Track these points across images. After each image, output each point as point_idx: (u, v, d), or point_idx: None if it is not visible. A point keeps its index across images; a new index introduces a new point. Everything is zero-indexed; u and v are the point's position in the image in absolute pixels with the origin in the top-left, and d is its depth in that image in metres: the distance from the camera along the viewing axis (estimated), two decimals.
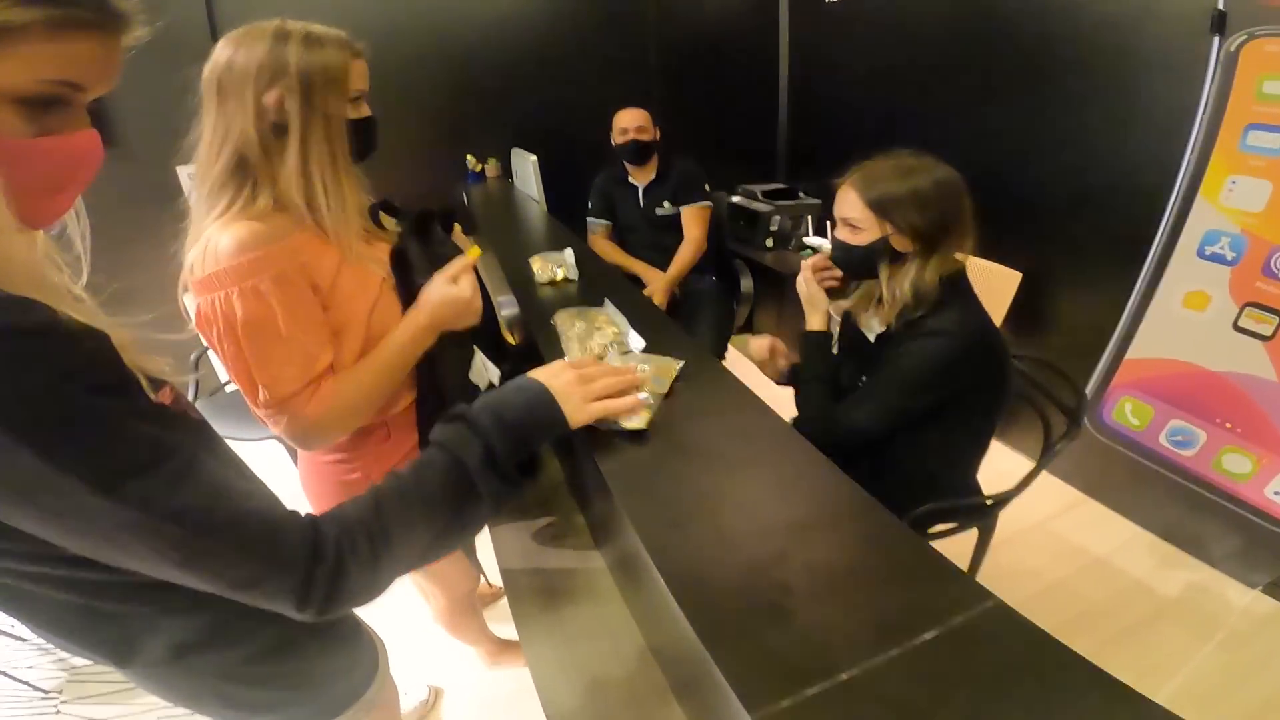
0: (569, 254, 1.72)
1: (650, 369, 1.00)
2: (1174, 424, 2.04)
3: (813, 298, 1.43)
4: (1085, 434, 2.15)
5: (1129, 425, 2.16)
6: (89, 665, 0.65)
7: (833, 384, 1.40)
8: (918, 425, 1.27)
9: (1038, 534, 2.18)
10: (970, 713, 0.53)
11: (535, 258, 1.73)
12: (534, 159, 2.74)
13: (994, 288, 2.32)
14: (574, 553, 1.20)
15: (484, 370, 1.21)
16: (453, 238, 1.21)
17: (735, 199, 3.45)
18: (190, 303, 0.88)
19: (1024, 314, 2.38)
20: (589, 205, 2.83)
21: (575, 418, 0.80)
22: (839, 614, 0.62)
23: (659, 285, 2.58)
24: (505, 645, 1.78)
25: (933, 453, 1.35)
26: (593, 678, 0.95)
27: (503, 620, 1.88)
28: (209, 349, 2.09)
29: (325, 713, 0.81)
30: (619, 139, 2.62)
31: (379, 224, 1.12)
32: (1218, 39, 1.75)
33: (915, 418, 1.25)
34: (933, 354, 1.21)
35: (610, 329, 1.21)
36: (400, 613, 1.90)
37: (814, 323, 1.43)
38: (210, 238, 0.85)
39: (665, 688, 0.89)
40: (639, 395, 0.91)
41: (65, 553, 0.50)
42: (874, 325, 1.39)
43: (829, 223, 3.26)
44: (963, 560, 1.52)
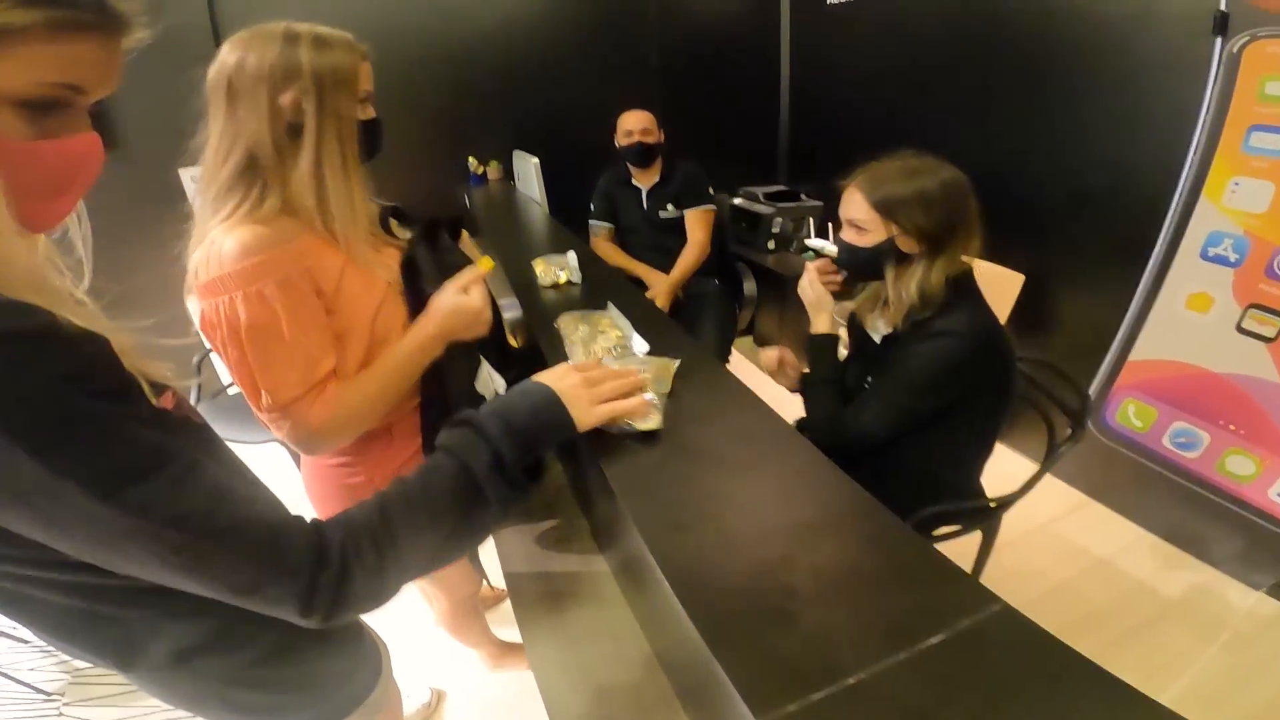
0: (572, 257, 1.72)
1: (650, 370, 1.00)
2: (1177, 426, 2.03)
3: (819, 300, 1.42)
4: (1088, 436, 2.15)
5: (1132, 427, 2.16)
6: (91, 668, 0.65)
7: (841, 386, 1.39)
8: (923, 427, 1.26)
9: (1041, 536, 2.18)
10: (978, 716, 0.53)
11: (538, 260, 1.72)
12: (536, 161, 2.74)
13: (997, 289, 2.31)
14: (577, 556, 1.20)
15: (490, 380, 1.20)
16: (461, 245, 1.21)
17: (737, 201, 3.45)
18: (194, 306, 0.88)
19: (1026, 316, 2.37)
20: (591, 207, 2.81)
21: (583, 421, 0.80)
22: (845, 617, 0.62)
23: (662, 288, 2.57)
24: (507, 648, 1.77)
25: (937, 455, 1.34)
26: (596, 681, 0.95)
27: (505, 623, 1.88)
28: (211, 352, 2.11)
29: (328, 716, 0.81)
30: (624, 140, 2.60)
31: (388, 230, 1.12)
32: (1220, 40, 1.74)
33: (923, 419, 1.25)
34: (942, 355, 1.20)
35: (614, 332, 1.21)
36: (403, 615, 1.90)
37: (820, 325, 1.42)
38: (215, 241, 0.84)
39: (670, 692, 0.89)
40: (645, 396, 0.91)
41: (68, 557, 0.49)
42: (880, 326, 1.39)
43: (830, 224, 3.28)
44: (966, 562, 1.52)
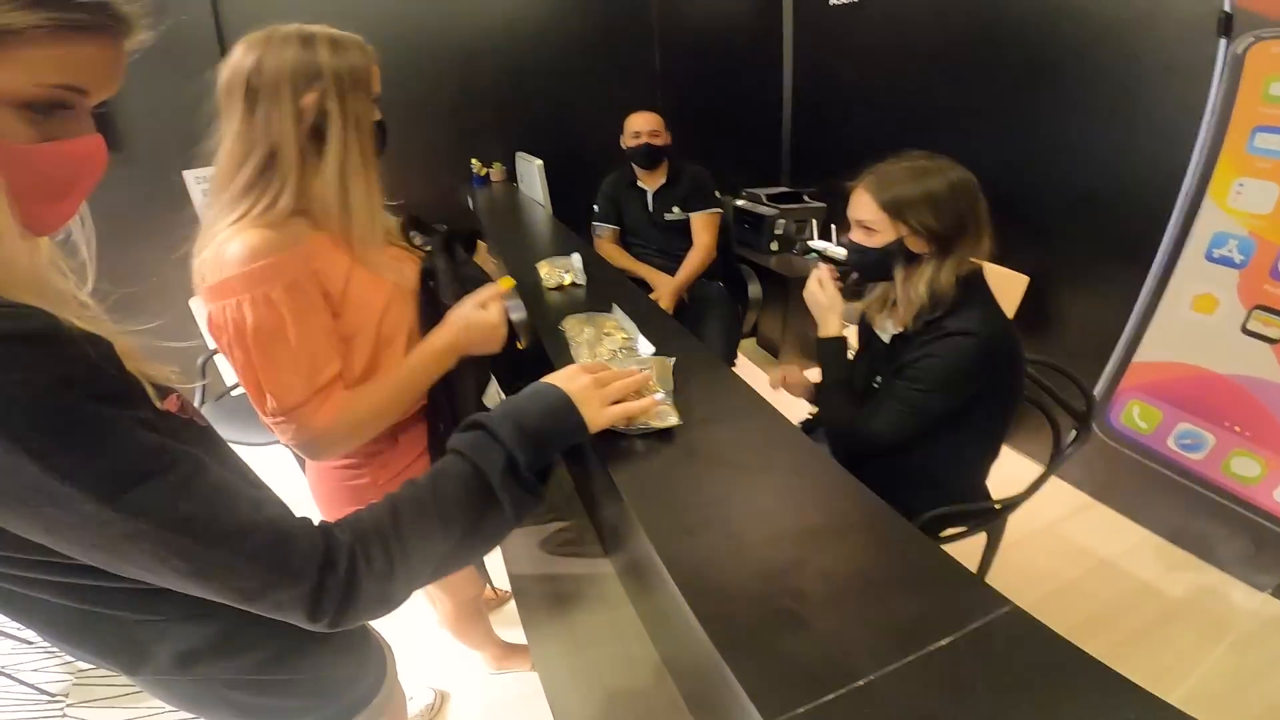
0: (576, 259, 1.71)
1: (653, 369, 1.00)
2: (1182, 427, 2.03)
3: (831, 302, 1.40)
4: (1093, 437, 2.14)
5: (1137, 429, 2.15)
6: (95, 669, 0.64)
7: (852, 387, 1.39)
8: (933, 429, 1.26)
9: (1046, 537, 2.17)
10: (988, 717, 0.52)
11: (542, 263, 1.72)
12: (539, 163, 2.74)
13: (1001, 291, 2.27)
14: (582, 559, 1.20)
15: (498, 397, 1.21)
16: (476, 258, 1.22)
17: (740, 202, 3.46)
18: (201, 308, 0.87)
19: (1031, 317, 2.37)
20: (595, 209, 2.81)
21: (595, 422, 0.79)
22: (854, 620, 0.61)
23: (667, 290, 2.56)
24: (511, 650, 1.78)
25: (944, 456, 1.34)
26: (602, 684, 0.95)
27: (508, 625, 1.88)
28: (215, 354, 2.11)
29: (333, 719, 0.81)
30: (631, 142, 2.58)
31: (406, 239, 1.13)
32: (1224, 41, 1.74)
33: (937, 421, 1.24)
34: (956, 355, 1.20)
35: (619, 334, 1.21)
36: (406, 617, 1.89)
37: (830, 329, 1.40)
38: (223, 243, 0.84)
39: (676, 695, 0.88)
40: (656, 395, 0.91)
41: (73, 560, 0.49)
42: (888, 326, 1.39)
43: (833, 226, 3.28)
44: (971, 564, 1.52)
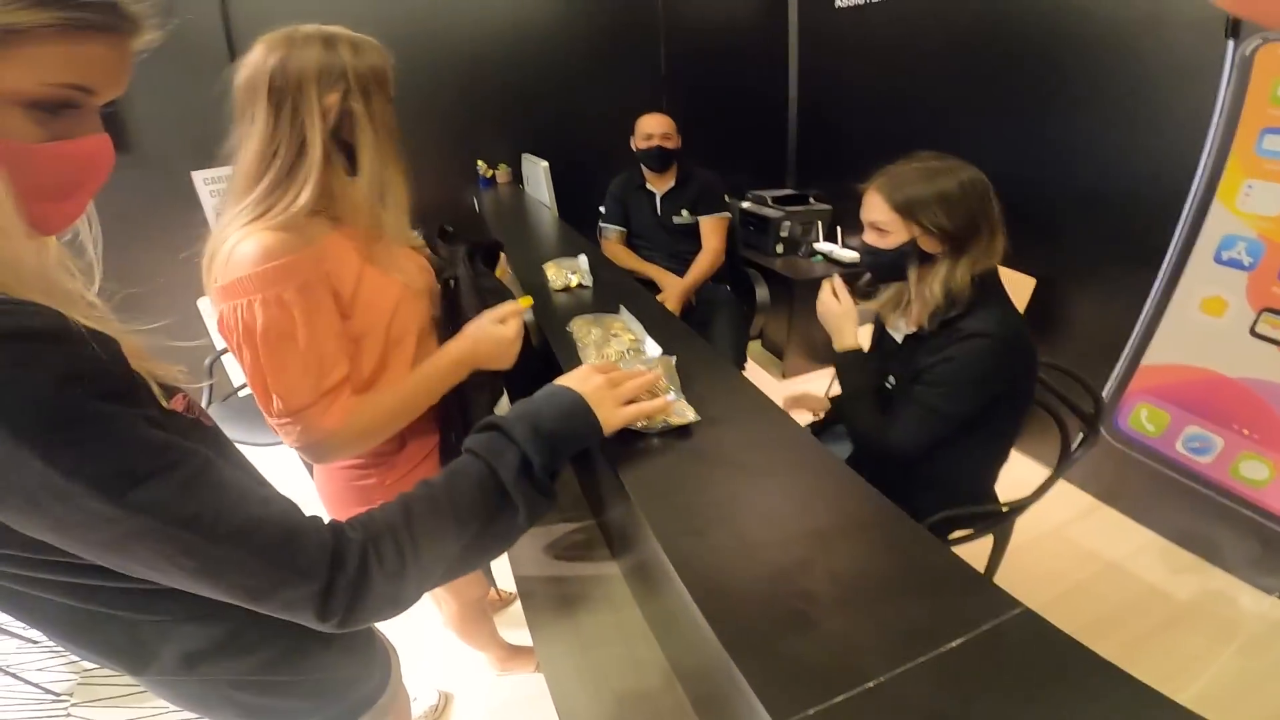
0: (583, 260, 1.72)
1: (659, 368, 1.00)
2: (1190, 430, 2.02)
3: (846, 311, 1.39)
4: (1101, 440, 2.14)
5: (1145, 432, 2.14)
6: (100, 669, 0.64)
7: (876, 395, 1.36)
8: (956, 433, 1.24)
9: (1053, 540, 2.17)
10: (999, 719, 0.52)
11: (549, 264, 1.73)
12: (545, 165, 2.74)
13: (1008, 293, 2.30)
14: (589, 560, 1.20)
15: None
16: (497, 272, 1.22)
17: (745, 205, 3.45)
18: (212, 308, 0.88)
19: (1038, 320, 2.36)
20: (602, 210, 2.80)
21: (609, 423, 0.79)
22: (864, 621, 0.61)
23: (674, 292, 2.54)
24: (515, 651, 1.77)
25: (954, 458, 1.33)
26: (609, 685, 0.95)
27: (513, 626, 1.88)
28: (223, 354, 2.12)
29: None
30: (642, 144, 2.56)
31: (433, 248, 1.14)
32: (1232, 43, 1.74)
33: (961, 424, 1.23)
34: (978, 357, 1.19)
35: (627, 335, 1.21)
36: (411, 618, 1.89)
37: (847, 339, 1.38)
38: (235, 243, 0.83)
39: (683, 697, 0.88)
40: (668, 396, 0.92)
41: (78, 559, 0.49)
42: (901, 326, 1.39)
43: (839, 228, 3.27)
44: (977, 565, 1.51)
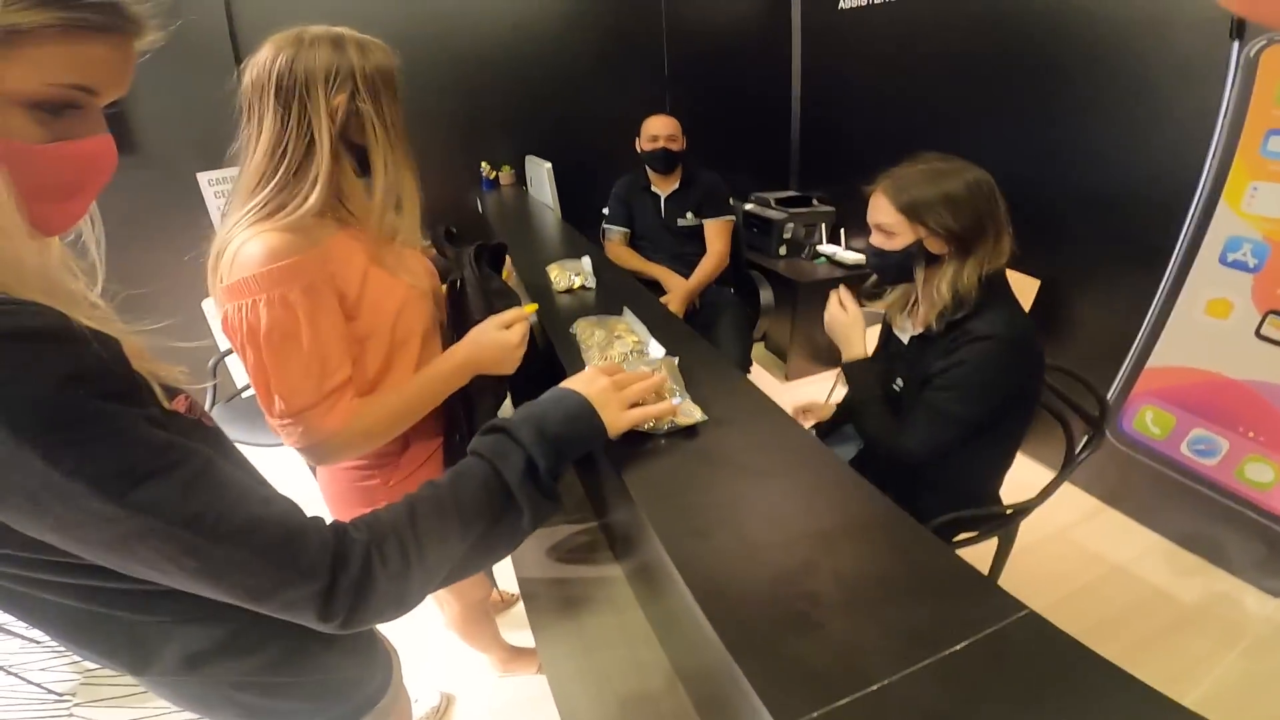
0: (586, 262, 1.72)
1: (663, 369, 1.00)
2: (1196, 433, 2.01)
3: (854, 319, 1.39)
4: (1105, 443, 2.13)
5: (1149, 434, 2.14)
6: (103, 668, 0.64)
7: (887, 401, 1.35)
8: (970, 436, 1.23)
9: (1057, 542, 2.16)
10: None
11: (553, 266, 1.73)
12: (548, 166, 2.75)
13: None
14: (592, 562, 1.20)
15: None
16: (504, 275, 1.22)
17: (749, 206, 3.45)
18: (216, 308, 0.88)
19: (1042, 322, 2.35)
20: (606, 211, 2.80)
21: (615, 426, 0.79)
22: (868, 624, 0.61)
23: (677, 294, 2.53)
24: (517, 652, 1.77)
25: (960, 461, 1.31)
26: (611, 688, 0.95)
27: (515, 627, 1.88)
28: (227, 355, 2.12)
29: None
30: (648, 145, 2.56)
31: (439, 249, 1.14)
32: (1237, 44, 1.73)
33: (974, 428, 1.22)
34: (988, 359, 1.18)
35: (630, 337, 1.21)
36: (413, 619, 1.89)
37: (855, 349, 1.38)
38: (241, 242, 0.83)
39: (685, 699, 0.88)
40: (674, 399, 0.92)
41: (80, 560, 0.49)
42: (908, 326, 1.39)
43: (842, 230, 3.27)
44: (980, 568, 1.50)
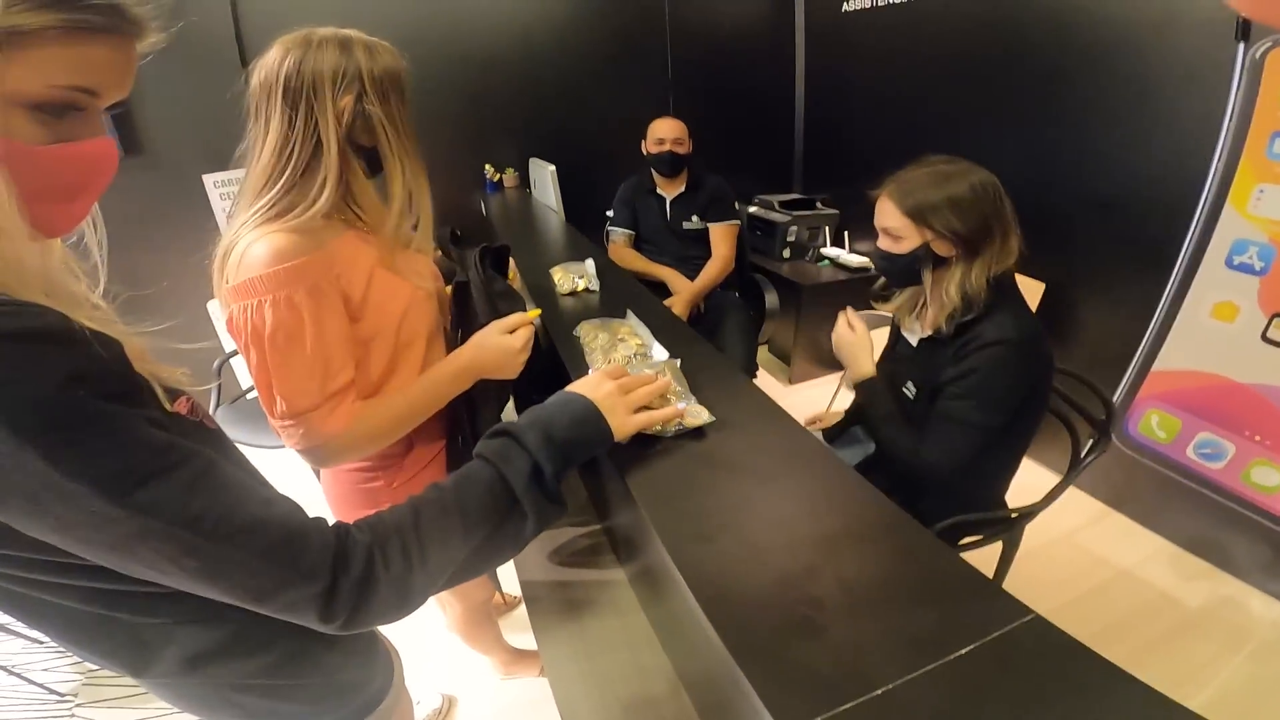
0: (590, 264, 1.72)
1: (666, 372, 0.99)
2: (1202, 436, 2.00)
3: (862, 337, 1.39)
4: (1111, 446, 2.12)
5: (1155, 438, 2.13)
6: (104, 670, 0.64)
7: (904, 415, 1.34)
8: (988, 443, 1.22)
9: (1063, 546, 2.15)
10: None
11: (556, 268, 1.73)
12: (552, 168, 2.75)
13: None
14: (595, 565, 1.20)
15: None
16: (508, 277, 1.22)
17: (752, 209, 3.45)
18: (222, 309, 0.88)
19: (1047, 325, 2.29)
20: (610, 214, 2.80)
21: (621, 430, 0.79)
22: (873, 628, 0.61)
23: (682, 297, 2.52)
24: (520, 655, 1.77)
25: (969, 464, 1.31)
26: (612, 691, 0.95)
27: (517, 630, 1.88)
28: (231, 356, 2.13)
29: None
30: (654, 148, 2.55)
31: (445, 251, 1.14)
32: (1243, 46, 1.73)
33: (993, 434, 1.21)
34: (1001, 364, 1.18)
35: (634, 340, 1.20)
36: (415, 621, 1.89)
37: (864, 369, 1.37)
38: (248, 243, 0.83)
39: (688, 704, 0.88)
40: (680, 404, 0.92)
41: (81, 561, 0.49)
42: (916, 329, 1.39)
43: (846, 233, 3.27)
44: (987, 571, 1.50)
